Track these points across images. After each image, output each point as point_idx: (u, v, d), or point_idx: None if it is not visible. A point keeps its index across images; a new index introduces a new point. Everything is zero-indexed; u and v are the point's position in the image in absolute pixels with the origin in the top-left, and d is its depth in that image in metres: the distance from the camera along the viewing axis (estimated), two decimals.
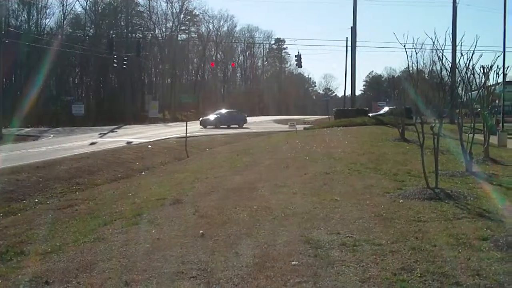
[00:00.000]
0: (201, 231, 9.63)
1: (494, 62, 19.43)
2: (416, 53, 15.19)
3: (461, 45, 16.01)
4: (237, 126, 59.18)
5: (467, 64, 16.85)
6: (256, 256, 8.03)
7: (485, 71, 19.45)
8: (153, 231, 10.15)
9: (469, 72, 17.74)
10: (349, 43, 68.49)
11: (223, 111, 63.61)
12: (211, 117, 60.40)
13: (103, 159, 26.47)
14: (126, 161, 27.03)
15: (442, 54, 15.85)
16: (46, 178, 21.00)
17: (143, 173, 24.68)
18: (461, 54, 16.17)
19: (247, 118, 64.66)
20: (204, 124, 58.47)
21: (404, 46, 14.79)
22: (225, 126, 57.76)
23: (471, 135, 18.24)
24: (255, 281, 6.99)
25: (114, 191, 18.33)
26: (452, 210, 10.90)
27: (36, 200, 18.39)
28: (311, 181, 15.51)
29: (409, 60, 15.32)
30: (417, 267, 7.27)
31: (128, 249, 8.89)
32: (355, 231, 9.25)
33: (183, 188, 16.07)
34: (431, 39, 15.01)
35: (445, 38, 16.01)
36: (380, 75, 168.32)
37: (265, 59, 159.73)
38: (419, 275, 6.95)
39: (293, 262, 7.65)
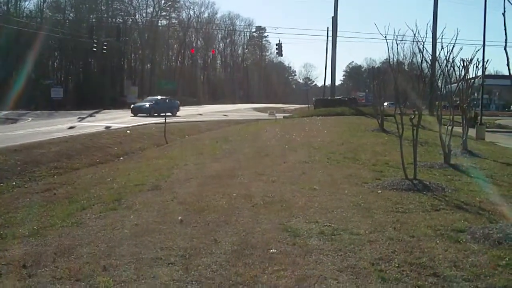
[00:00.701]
0: (179, 218, 9.60)
1: (474, 56, 19.53)
2: (397, 45, 15.28)
3: (441, 38, 16.08)
4: (170, 114, 50.26)
5: (447, 57, 16.94)
6: (235, 244, 8.02)
7: (465, 64, 19.53)
8: (132, 216, 10.09)
9: (449, 65, 17.83)
10: (330, 33, 68.77)
11: (159, 97, 56.42)
12: (146, 104, 54.19)
13: (82, 144, 26.30)
14: (105, 146, 26.90)
15: (423, 46, 15.92)
16: (24, 162, 20.84)
17: (121, 158, 24.62)
18: (442, 46, 16.25)
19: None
20: (136, 112, 52.04)
21: (385, 37, 14.82)
22: (156, 114, 50.72)
23: (449, 128, 18.32)
24: (233, 268, 6.97)
25: (93, 175, 18.25)
26: (430, 201, 10.99)
27: (14, 183, 18.24)
28: (290, 170, 15.55)
29: (390, 51, 15.39)
30: (395, 257, 7.30)
31: (106, 234, 8.83)
32: (334, 220, 9.29)
33: (161, 174, 16.00)
34: (412, 31, 15.06)
35: (426, 31, 16.02)
36: (360, 65, 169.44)
37: (245, 46, 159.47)
38: (397, 265, 6.98)
39: (271, 250, 7.66)
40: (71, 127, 36.48)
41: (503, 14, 11.14)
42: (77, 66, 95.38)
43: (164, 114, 39.74)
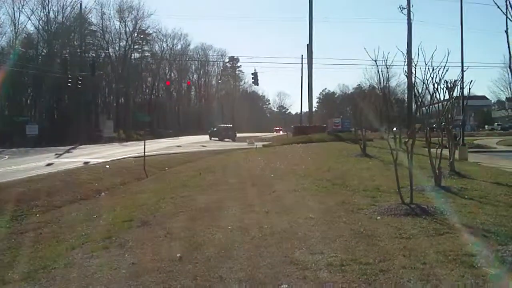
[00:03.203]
0: (178, 255, 9.16)
1: (461, 77, 19.44)
2: (387, 68, 15.02)
3: (432, 60, 15.73)
4: None
5: (434, 79, 16.68)
6: (242, 280, 7.63)
7: (449, 85, 19.40)
8: (126, 255, 9.65)
9: (436, 87, 17.59)
10: (305, 61, 69.13)
11: None
12: None
13: (61, 180, 25.80)
14: (85, 182, 26.36)
15: (415, 69, 15.60)
16: (4, 201, 20.30)
17: (102, 194, 24.06)
18: (433, 68, 15.92)
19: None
20: None
21: (375, 61, 14.60)
22: None
23: (435, 150, 18.12)
24: None
25: (77, 213, 17.73)
26: (432, 225, 10.70)
27: None
28: (281, 199, 15.21)
29: (380, 76, 15.16)
30: (412, 287, 6.98)
31: (103, 275, 8.38)
32: (339, 250, 8.94)
33: (148, 209, 15.53)
34: (402, 53, 14.83)
35: (418, 53, 15.57)
36: (333, 92, 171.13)
37: (219, 77, 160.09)
38: None
39: (283, 286, 7.29)
40: (49, 164, 35.91)
41: (506, 31, 10.99)
42: (51, 101, 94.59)
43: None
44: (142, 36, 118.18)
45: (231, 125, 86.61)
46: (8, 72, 68.02)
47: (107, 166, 32.55)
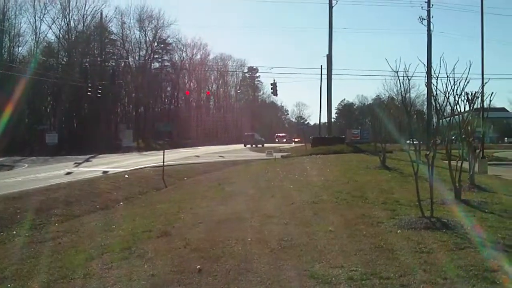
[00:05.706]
0: (198, 267, 9.17)
1: (482, 89, 19.31)
2: (409, 80, 14.88)
3: (453, 71, 15.62)
4: None
5: (455, 91, 16.57)
6: None
7: (469, 97, 19.27)
8: (146, 266, 9.66)
9: (457, 99, 17.45)
10: (324, 71, 69.08)
11: None
12: None
13: (80, 189, 25.86)
14: (104, 192, 26.43)
15: (437, 81, 15.49)
16: (23, 209, 20.37)
17: (121, 203, 24.09)
18: (454, 80, 15.83)
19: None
20: None
21: (397, 73, 14.51)
22: None
23: (455, 163, 17.96)
24: None
25: (96, 223, 17.73)
26: (453, 240, 10.62)
27: (14, 232, 17.70)
28: (300, 211, 15.15)
29: (401, 87, 15.07)
30: None
31: (122, 286, 8.40)
32: (359, 264, 8.90)
33: (168, 219, 15.55)
34: (424, 64, 14.76)
35: (439, 65, 15.43)
36: (352, 103, 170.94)
37: (238, 87, 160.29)
38: None
39: None
40: (68, 173, 36.05)
41: None
42: (71, 110, 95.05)
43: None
44: (162, 45, 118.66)
45: (253, 133, 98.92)
46: (29, 81, 68.46)
47: (126, 176, 32.61)
